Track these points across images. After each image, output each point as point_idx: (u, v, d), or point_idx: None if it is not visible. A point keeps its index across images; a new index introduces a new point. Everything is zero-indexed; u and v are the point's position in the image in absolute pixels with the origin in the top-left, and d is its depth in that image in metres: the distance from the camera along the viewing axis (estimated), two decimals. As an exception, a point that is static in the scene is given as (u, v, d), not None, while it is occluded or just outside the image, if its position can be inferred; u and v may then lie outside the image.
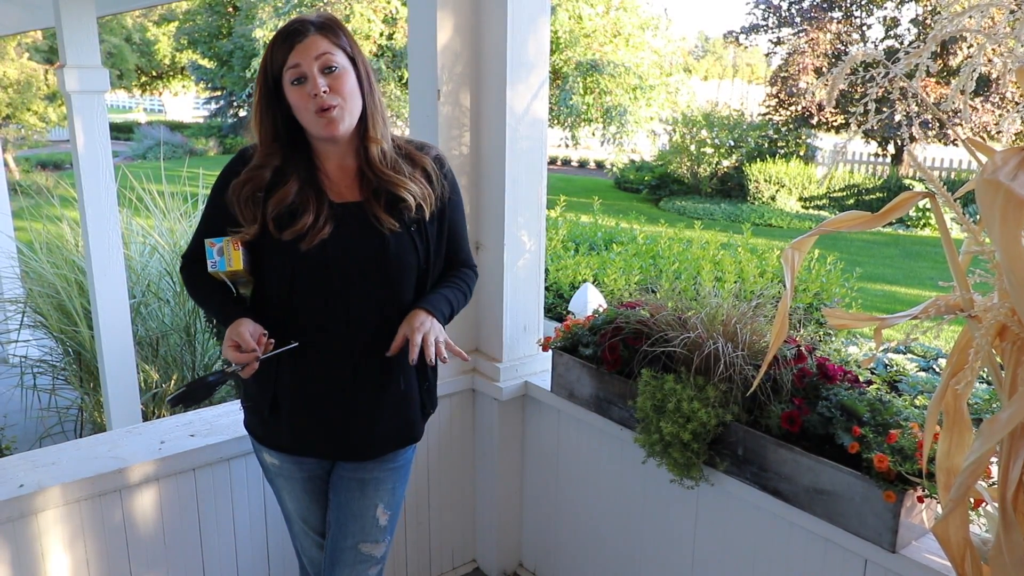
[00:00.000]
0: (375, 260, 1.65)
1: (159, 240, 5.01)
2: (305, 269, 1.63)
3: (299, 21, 1.59)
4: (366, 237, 1.65)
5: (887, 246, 10.82)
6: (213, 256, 1.64)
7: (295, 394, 1.70)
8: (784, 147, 15.48)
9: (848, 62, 1.27)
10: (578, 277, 5.18)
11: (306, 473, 1.82)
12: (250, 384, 1.75)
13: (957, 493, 1.26)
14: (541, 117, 2.45)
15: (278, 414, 1.73)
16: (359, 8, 13.06)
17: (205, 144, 21.38)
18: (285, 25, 1.60)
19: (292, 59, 1.56)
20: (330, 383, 1.69)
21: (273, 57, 1.59)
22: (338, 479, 1.82)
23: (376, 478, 1.80)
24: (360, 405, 1.72)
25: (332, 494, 1.83)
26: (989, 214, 1.10)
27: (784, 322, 1.58)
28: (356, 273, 1.65)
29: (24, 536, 1.87)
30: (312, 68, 1.56)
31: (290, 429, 1.74)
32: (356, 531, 1.80)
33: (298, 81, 1.57)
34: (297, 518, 1.89)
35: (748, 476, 1.92)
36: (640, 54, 14.34)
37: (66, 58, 3.63)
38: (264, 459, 1.83)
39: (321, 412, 1.72)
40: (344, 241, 1.64)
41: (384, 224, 1.64)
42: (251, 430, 1.82)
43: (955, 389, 1.36)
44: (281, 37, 1.58)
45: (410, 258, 1.68)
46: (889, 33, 15.57)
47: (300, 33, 1.57)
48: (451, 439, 2.64)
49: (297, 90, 1.58)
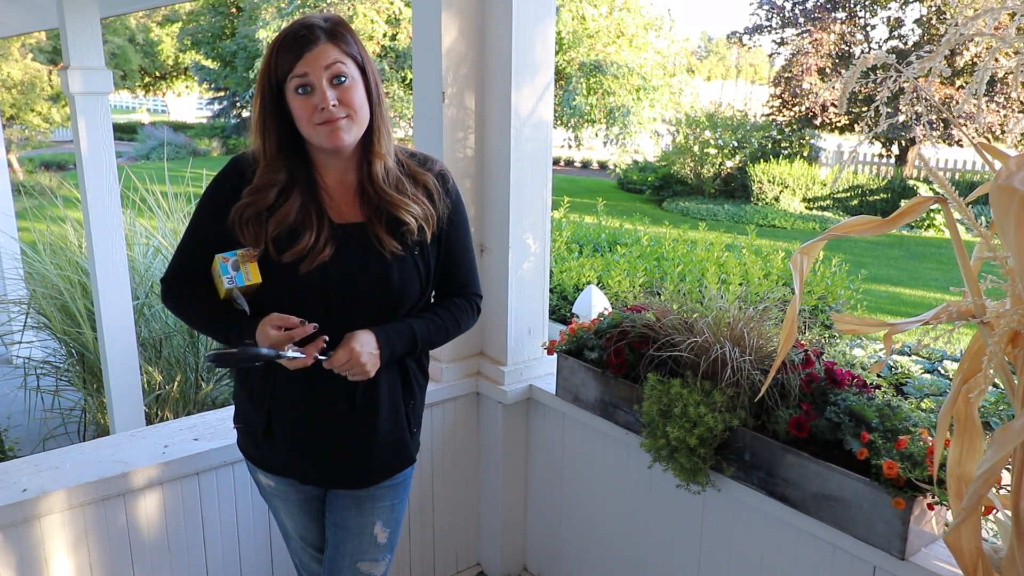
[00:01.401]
0: (377, 285, 1.57)
1: (162, 241, 5.00)
2: (305, 292, 1.54)
3: (307, 26, 1.47)
4: (368, 260, 1.56)
5: (892, 247, 10.80)
6: (228, 271, 1.52)
7: (289, 417, 1.63)
8: (788, 148, 15.47)
9: (859, 65, 1.26)
10: (582, 279, 5.17)
11: (303, 495, 1.77)
12: (244, 405, 1.70)
13: (970, 501, 1.25)
14: (546, 119, 2.43)
15: (272, 438, 1.66)
16: (362, 8, 13.06)
17: (208, 144, 21.41)
18: (291, 28, 1.48)
19: (300, 67, 1.46)
20: (325, 407, 1.62)
21: (277, 62, 1.48)
22: (334, 497, 1.76)
23: (373, 495, 1.73)
24: (355, 430, 1.64)
25: (328, 512, 1.78)
26: (1003, 219, 1.09)
27: (793, 327, 1.56)
28: (357, 297, 1.56)
29: (27, 541, 1.86)
30: (321, 78, 1.46)
31: (285, 453, 1.68)
32: (354, 550, 1.74)
33: (304, 90, 1.47)
34: (295, 535, 1.86)
35: (755, 481, 1.91)
36: (643, 55, 14.33)
37: (70, 59, 3.63)
38: (259, 479, 1.78)
39: (316, 438, 1.64)
40: (346, 264, 1.55)
41: (386, 247, 1.56)
42: (245, 452, 1.76)
43: (967, 397, 1.35)
44: (288, 42, 1.47)
45: (413, 282, 1.60)
46: (893, 33, 15.55)
47: (309, 41, 1.46)
48: (455, 442, 2.63)
49: (302, 100, 1.48)
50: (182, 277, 1.65)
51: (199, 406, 4.56)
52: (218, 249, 1.55)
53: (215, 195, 1.61)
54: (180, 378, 4.58)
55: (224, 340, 1.59)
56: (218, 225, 1.57)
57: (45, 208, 6.17)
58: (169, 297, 1.67)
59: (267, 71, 1.50)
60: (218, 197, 1.60)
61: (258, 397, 1.64)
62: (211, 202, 1.61)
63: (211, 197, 1.62)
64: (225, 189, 1.59)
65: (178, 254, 1.66)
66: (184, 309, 1.66)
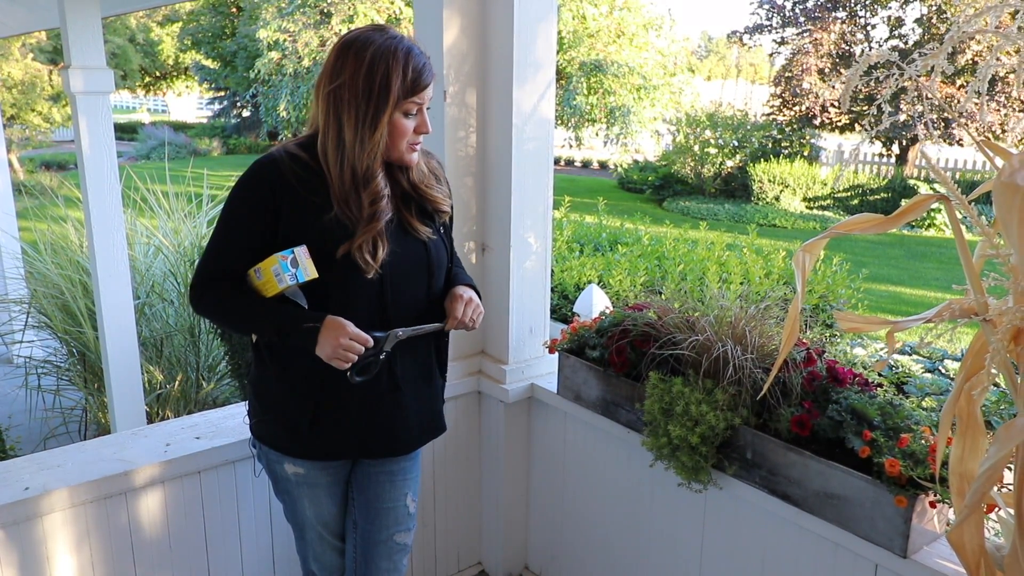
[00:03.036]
0: (421, 266, 1.74)
1: (163, 241, 5.00)
2: (360, 279, 1.65)
3: (427, 60, 1.65)
4: (410, 245, 1.72)
5: (893, 247, 10.80)
6: (288, 269, 1.58)
7: (338, 405, 1.71)
8: (788, 147, 15.46)
9: (862, 63, 1.26)
10: (583, 278, 5.17)
11: (331, 478, 1.83)
12: (282, 399, 1.73)
13: (972, 499, 1.25)
14: (548, 117, 2.43)
15: (318, 425, 1.72)
16: (362, 8, 13.07)
17: (209, 144, 21.41)
18: (416, 58, 1.62)
19: (420, 96, 1.64)
20: (370, 386, 1.70)
21: (403, 84, 1.60)
22: (364, 476, 1.84)
23: (403, 468, 1.86)
24: (402, 401, 1.76)
25: (357, 492, 1.86)
26: (1007, 217, 1.09)
27: (795, 326, 1.56)
28: (403, 279, 1.71)
29: (29, 539, 1.86)
30: (424, 109, 1.67)
31: (328, 438, 1.73)
32: (391, 523, 1.86)
33: (411, 115, 1.64)
34: (316, 524, 1.87)
35: (757, 480, 1.91)
36: (644, 54, 14.34)
37: (70, 59, 3.63)
38: (284, 470, 1.80)
39: (363, 416, 1.73)
40: (393, 251, 1.68)
41: (421, 232, 1.73)
42: (272, 443, 1.78)
43: (970, 394, 1.35)
44: (418, 71, 1.62)
45: (444, 260, 1.81)
46: (894, 33, 15.54)
47: (431, 75, 1.65)
48: (457, 441, 2.63)
49: (408, 122, 1.64)
50: (218, 279, 1.68)
51: (200, 405, 4.56)
52: (260, 248, 1.62)
53: (253, 195, 1.64)
54: (181, 377, 4.59)
55: (276, 332, 1.65)
56: (259, 225, 1.63)
57: (46, 208, 6.17)
58: (206, 298, 1.69)
59: (392, 87, 1.59)
60: (257, 197, 1.63)
61: (302, 389, 1.69)
62: (249, 202, 1.65)
63: (248, 198, 1.65)
64: (264, 188, 1.63)
65: (213, 259, 1.69)
66: (225, 310, 1.70)
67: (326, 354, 1.60)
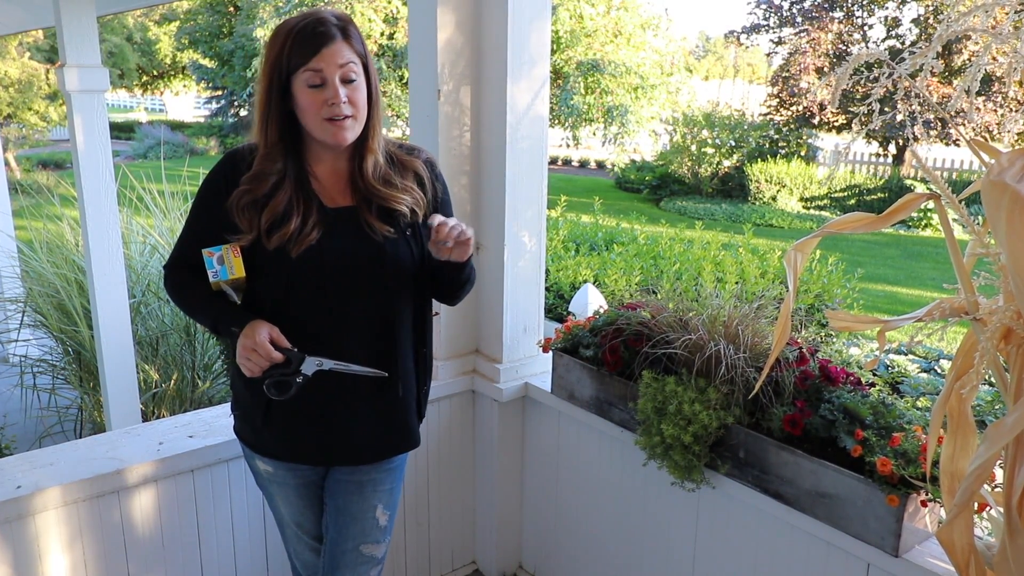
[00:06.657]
0: (371, 265, 1.63)
1: (159, 239, 5.00)
2: (300, 276, 1.59)
3: (323, 22, 1.52)
4: (361, 242, 1.62)
5: (888, 247, 10.81)
6: (213, 266, 1.59)
7: (291, 403, 1.63)
8: (785, 147, 15.48)
9: (852, 62, 1.26)
10: (578, 277, 5.17)
11: (300, 480, 1.79)
12: (242, 393, 1.73)
13: (962, 498, 1.25)
14: (542, 115, 2.43)
15: (272, 423, 1.69)
16: (360, 7, 13.06)
17: (206, 143, 21.39)
18: (305, 22, 1.52)
19: (315, 63, 1.51)
20: (327, 391, 1.65)
21: (290, 55, 1.52)
22: (335, 483, 1.79)
23: (374, 479, 1.78)
24: (358, 412, 1.70)
25: (329, 498, 1.81)
26: (995, 216, 1.09)
27: (787, 324, 1.56)
28: (353, 279, 1.62)
29: (22, 537, 1.86)
30: (334, 76, 1.52)
31: (284, 437, 1.71)
32: (356, 533, 1.79)
33: (316, 85, 1.53)
34: (291, 522, 1.86)
35: (750, 479, 1.91)
36: (641, 54, 14.33)
37: (66, 57, 3.62)
38: (256, 466, 1.80)
39: (319, 421, 1.68)
40: (339, 247, 1.61)
41: (377, 231, 1.63)
42: (242, 437, 1.79)
43: (960, 393, 1.35)
44: (304, 37, 1.51)
45: (406, 262, 1.66)
46: (890, 33, 15.56)
47: (327, 37, 1.51)
48: (451, 440, 2.63)
49: (312, 93, 1.53)
50: (181, 266, 1.70)
51: (195, 404, 4.56)
52: (215, 241, 1.61)
53: (211, 188, 1.66)
54: (177, 376, 4.58)
55: (212, 327, 1.68)
56: (214, 217, 1.62)
57: (42, 206, 6.15)
58: (168, 284, 1.74)
59: (277, 61, 1.54)
60: (214, 190, 1.65)
61: (254, 387, 1.65)
62: (207, 195, 1.67)
63: (207, 190, 1.67)
64: (220, 182, 1.64)
65: (177, 245, 1.72)
66: (179, 296, 1.73)
67: (237, 358, 1.57)
